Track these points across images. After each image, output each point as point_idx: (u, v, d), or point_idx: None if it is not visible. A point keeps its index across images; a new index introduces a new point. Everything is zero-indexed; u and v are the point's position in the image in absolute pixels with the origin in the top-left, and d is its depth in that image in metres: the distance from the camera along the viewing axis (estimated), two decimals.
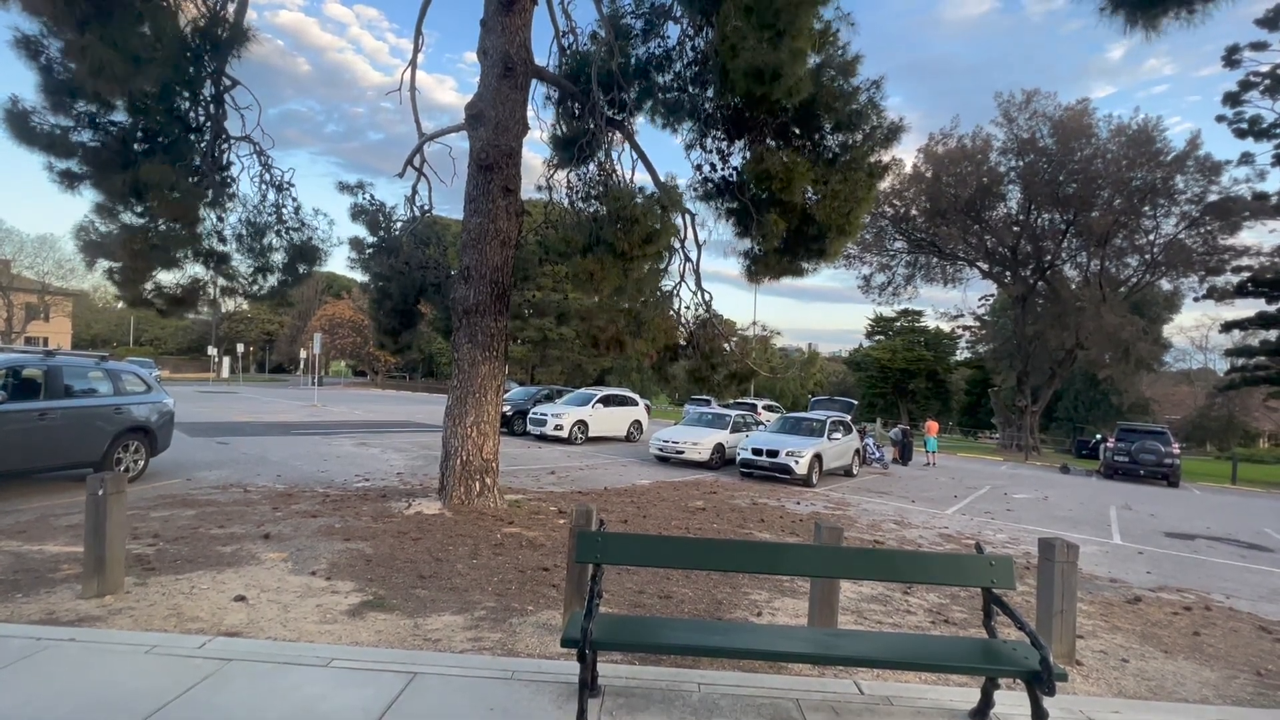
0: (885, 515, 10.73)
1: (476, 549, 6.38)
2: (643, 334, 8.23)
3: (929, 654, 3.30)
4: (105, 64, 5.84)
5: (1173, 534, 11.24)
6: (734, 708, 3.39)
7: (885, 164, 8.64)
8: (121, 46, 5.91)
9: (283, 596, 4.77)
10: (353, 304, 51.31)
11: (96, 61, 5.83)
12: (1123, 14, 4.67)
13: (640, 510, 9.29)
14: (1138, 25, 4.60)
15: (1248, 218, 27.76)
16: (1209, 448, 47.18)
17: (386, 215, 10.41)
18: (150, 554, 5.58)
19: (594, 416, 19.06)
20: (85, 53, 5.84)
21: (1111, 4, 4.69)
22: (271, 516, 7.21)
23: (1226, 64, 26.06)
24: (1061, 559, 4.48)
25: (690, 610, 5.16)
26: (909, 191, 33.00)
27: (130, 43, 5.98)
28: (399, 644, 4.07)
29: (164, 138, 7.71)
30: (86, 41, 5.81)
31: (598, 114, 8.49)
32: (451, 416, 8.11)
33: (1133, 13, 4.62)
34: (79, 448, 8.08)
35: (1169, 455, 20.72)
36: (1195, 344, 52.67)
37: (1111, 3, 4.68)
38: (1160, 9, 4.54)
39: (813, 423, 15.42)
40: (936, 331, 57.37)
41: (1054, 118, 29.53)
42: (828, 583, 4.42)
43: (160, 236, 7.82)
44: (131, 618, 4.21)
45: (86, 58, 5.84)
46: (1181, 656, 4.98)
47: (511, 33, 8.12)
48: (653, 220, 7.46)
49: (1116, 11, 4.68)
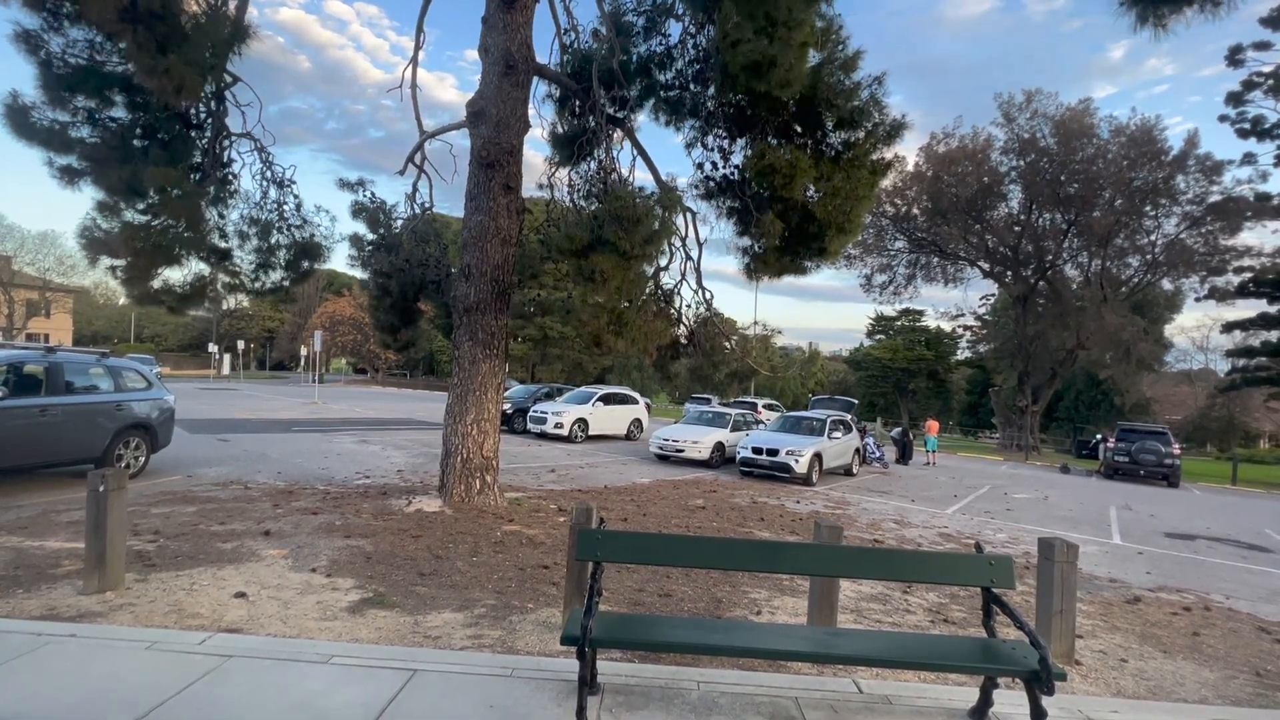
0: (885, 514, 10.73)
1: (477, 546, 6.38)
2: (624, 334, 8.19)
3: (928, 653, 3.30)
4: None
5: (1173, 534, 11.24)
6: (733, 706, 3.39)
7: (887, 161, 8.60)
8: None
9: (283, 593, 4.77)
10: (353, 301, 51.30)
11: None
12: (1135, 11, 4.66)
13: (640, 508, 9.30)
14: (1148, 23, 4.60)
15: (1249, 218, 27.73)
16: (1209, 448, 47.17)
17: (387, 213, 10.39)
18: (151, 550, 5.59)
19: (594, 415, 19.07)
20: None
21: (1129, 1, 4.69)
22: (272, 513, 7.22)
23: (1230, 64, 26.00)
24: (1061, 559, 4.48)
25: (690, 608, 5.16)
26: (910, 190, 32.98)
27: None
28: (399, 641, 4.08)
29: (164, 134, 7.70)
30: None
31: (599, 111, 8.48)
32: (452, 414, 8.12)
33: (1145, 10, 4.61)
34: (80, 444, 8.09)
35: (1169, 455, 20.71)
36: (1196, 344, 52.66)
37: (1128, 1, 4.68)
38: (1176, 6, 4.54)
39: (813, 422, 15.42)
40: (937, 331, 57.33)
41: (1055, 118, 29.49)
42: (827, 581, 4.43)
43: (163, 234, 7.82)
44: (132, 614, 4.22)
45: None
46: (1181, 657, 4.98)
47: (513, 30, 8.11)
48: (653, 220, 7.45)
49: (1131, 8, 4.68)
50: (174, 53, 5.91)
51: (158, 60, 5.86)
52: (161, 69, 5.86)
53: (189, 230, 7.86)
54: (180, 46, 5.98)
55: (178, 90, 6.05)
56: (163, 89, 6.02)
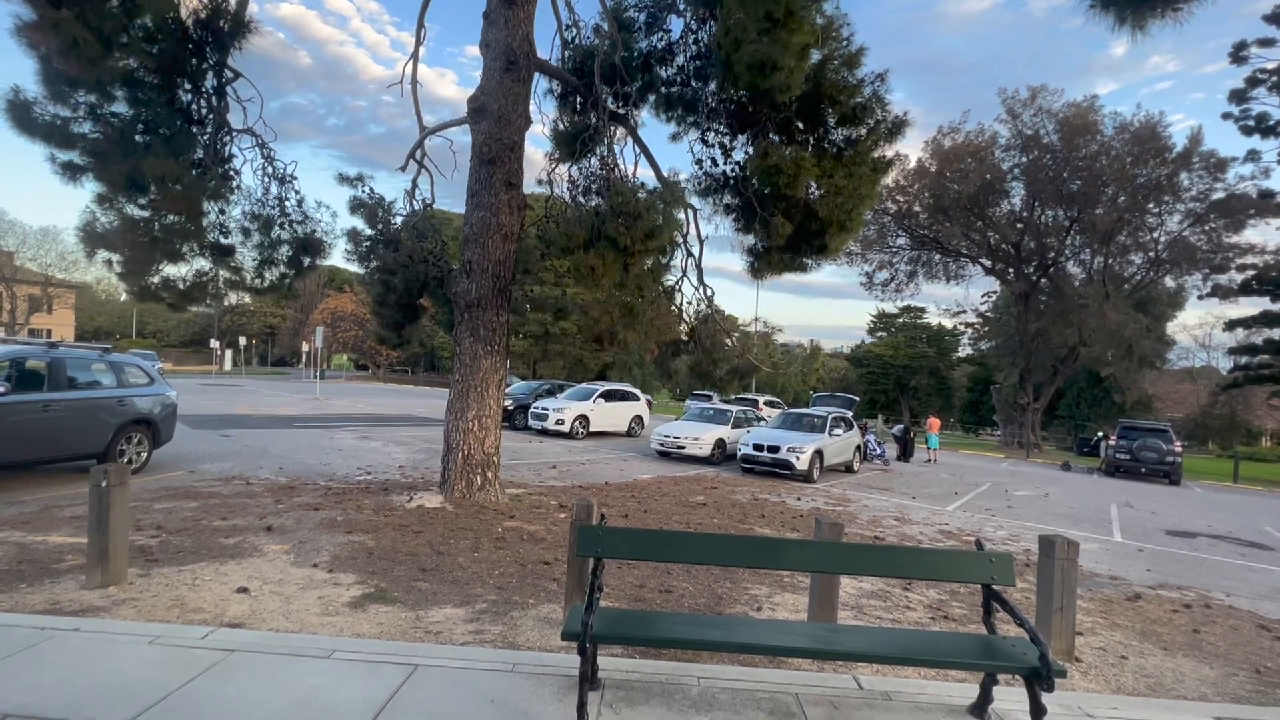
0: (886, 511, 10.74)
1: (478, 542, 6.40)
2: (635, 327, 8.20)
3: (928, 650, 3.31)
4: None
5: (1173, 532, 11.23)
6: (733, 702, 3.40)
7: (889, 159, 8.56)
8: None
9: (285, 588, 4.79)
10: (355, 298, 51.29)
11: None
12: (1111, 13, 4.60)
13: (641, 505, 9.31)
14: (1126, 24, 4.54)
15: (1253, 215, 27.63)
16: (1211, 446, 47.08)
17: (386, 208, 10.38)
18: (153, 545, 5.61)
19: (595, 411, 19.08)
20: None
21: (1101, 2, 4.62)
22: (274, 509, 7.24)
23: (1234, 60, 25.87)
24: (1061, 556, 4.48)
25: (690, 605, 5.17)
26: (912, 188, 32.87)
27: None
28: (400, 636, 4.09)
29: (166, 130, 7.68)
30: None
31: (600, 108, 8.46)
32: (453, 410, 8.12)
33: (1121, 11, 4.55)
34: (82, 439, 8.11)
35: (1171, 453, 20.69)
36: (1199, 342, 52.54)
37: (1100, 1, 4.62)
38: (1146, 8, 4.47)
39: (814, 419, 15.41)
40: (939, 328, 57.31)
41: (1059, 114, 29.37)
42: (828, 578, 4.43)
43: (163, 229, 7.81)
44: (135, 608, 4.24)
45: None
46: (1181, 654, 4.99)
47: (514, 25, 8.09)
48: (655, 216, 7.44)
49: (1106, 10, 4.62)
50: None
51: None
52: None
53: (189, 225, 7.86)
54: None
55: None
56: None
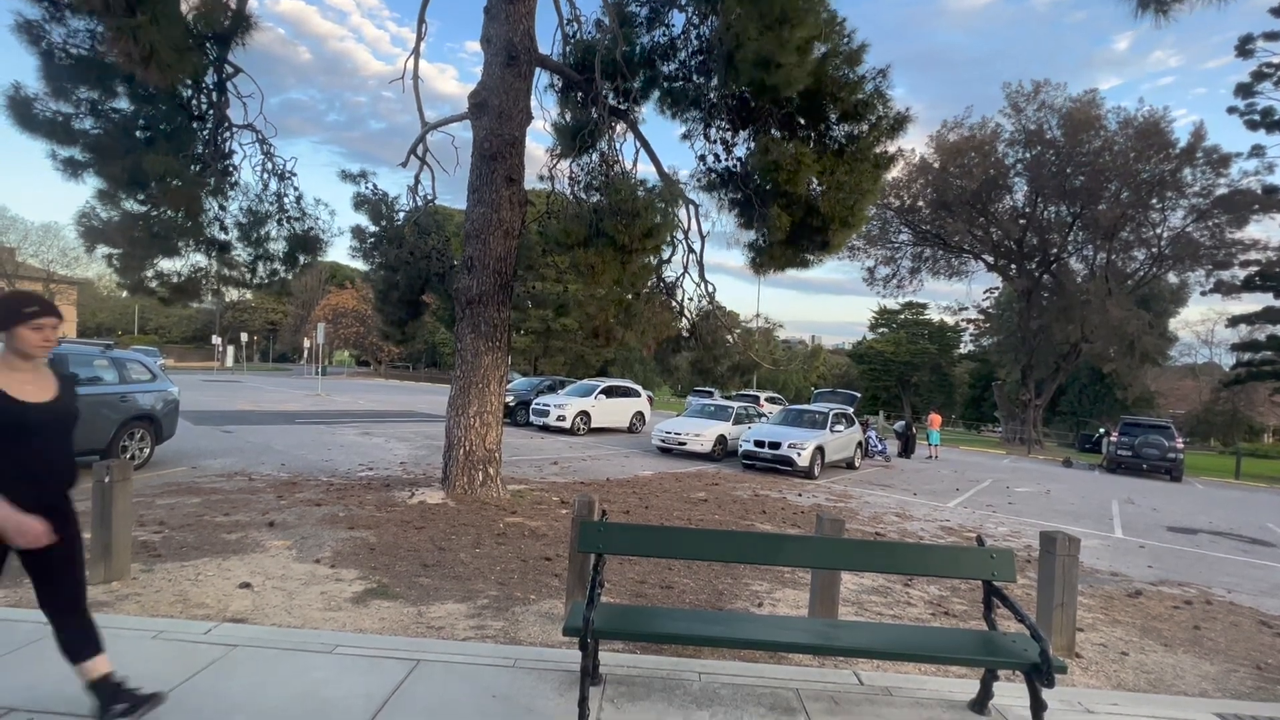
0: (887, 508, 10.74)
1: (479, 538, 6.41)
2: (632, 324, 8.19)
3: (929, 645, 3.31)
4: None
5: (1175, 528, 11.23)
6: (734, 697, 3.41)
7: (891, 155, 8.53)
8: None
9: (287, 584, 4.81)
10: (356, 294, 51.30)
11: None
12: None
13: (642, 501, 9.32)
14: (1149, 8, 4.51)
15: (1257, 211, 27.53)
16: (1213, 443, 47.03)
17: (389, 205, 10.38)
18: (156, 541, 5.62)
19: (596, 407, 19.09)
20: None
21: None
22: (276, 505, 7.26)
23: (1239, 54, 25.76)
24: (1063, 552, 4.48)
25: (691, 600, 5.18)
26: (915, 183, 32.78)
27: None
28: (402, 631, 4.10)
29: (166, 125, 7.68)
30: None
31: (601, 103, 8.43)
32: (455, 406, 8.13)
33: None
34: (85, 435, 8.10)
35: (1172, 450, 20.67)
36: (1201, 338, 52.27)
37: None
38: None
39: (815, 415, 15.41)
40: (940, 324, 57.22)
41: (1062, 110, 29.25)
42: (828, 574, 4.44)
43: (162, 224, 7.81)
44: (138, 603, 4.25)
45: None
46: (1181, 650, 4.99)
47: (515, 20, 8.06)
48: (653, 214, 7.41)
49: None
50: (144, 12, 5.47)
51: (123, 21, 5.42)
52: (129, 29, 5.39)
53: (188, 220, 7.86)
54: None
55: (145, 60, 5.57)
56: (129, 56, 5.53)
